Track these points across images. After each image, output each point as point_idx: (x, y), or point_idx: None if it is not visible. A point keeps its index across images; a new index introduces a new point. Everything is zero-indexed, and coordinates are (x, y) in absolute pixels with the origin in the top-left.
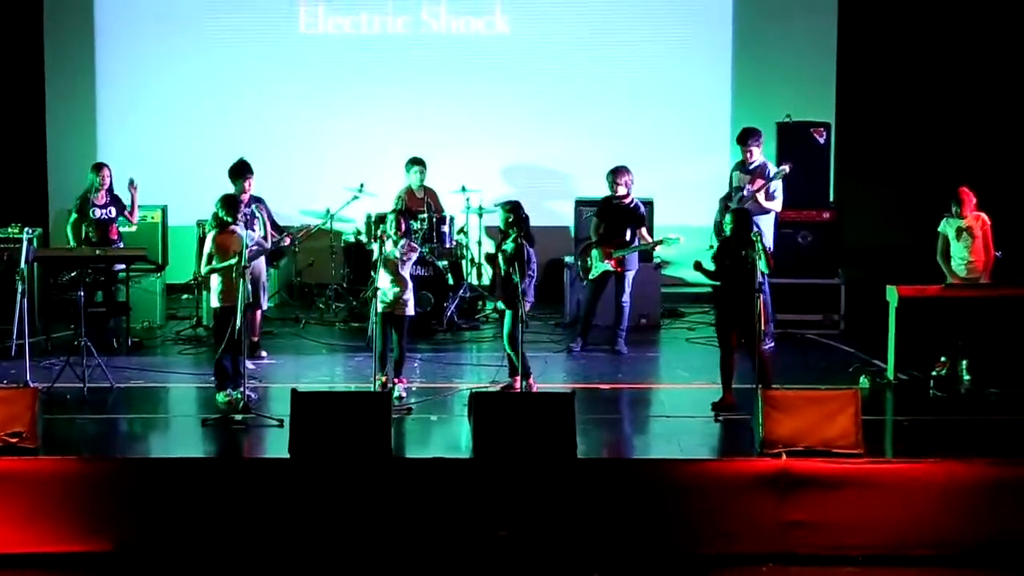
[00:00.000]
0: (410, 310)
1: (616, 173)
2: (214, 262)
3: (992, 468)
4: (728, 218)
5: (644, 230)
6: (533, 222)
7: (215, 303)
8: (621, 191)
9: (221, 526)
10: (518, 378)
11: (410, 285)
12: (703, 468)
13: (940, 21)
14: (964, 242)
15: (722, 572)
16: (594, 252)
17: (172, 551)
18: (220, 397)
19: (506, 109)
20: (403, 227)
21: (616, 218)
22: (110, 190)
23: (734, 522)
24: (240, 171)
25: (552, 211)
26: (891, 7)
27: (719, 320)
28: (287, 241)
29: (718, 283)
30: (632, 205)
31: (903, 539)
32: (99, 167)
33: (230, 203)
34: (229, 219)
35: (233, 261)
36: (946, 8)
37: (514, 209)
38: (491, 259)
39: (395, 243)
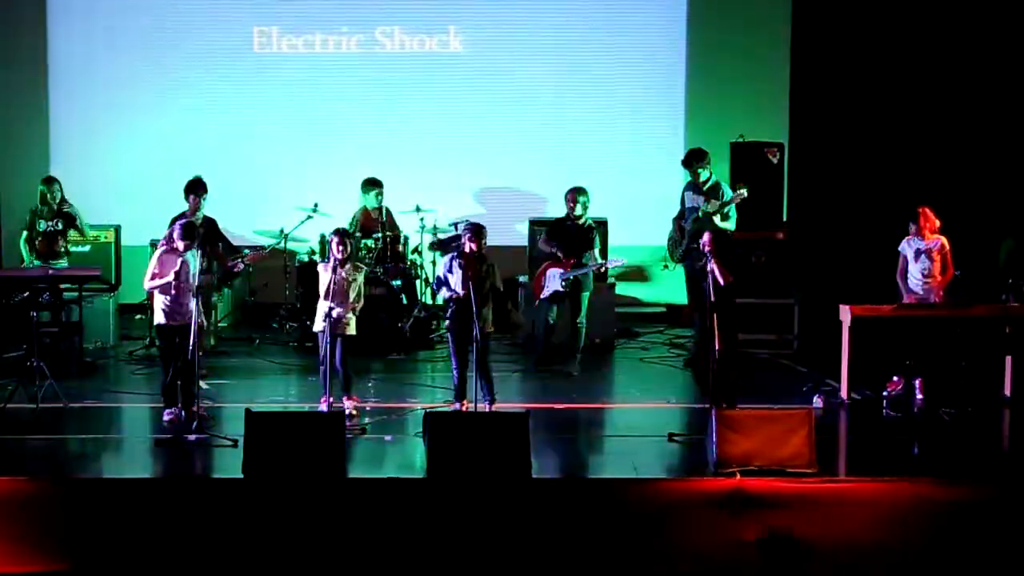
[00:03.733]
0: (351, 330)
1: (574, 193)
2: (156, 280)
3: (945, 488)
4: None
5: (597, 251)
6: (487, 241)
7: (159, 320)
8: (577, 211)
9: (174, 546)
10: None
11: (351, 306)
12: (657, 488)
13: (894, 41)
14: (922, 263)
15: None
16: (549, 271)
17: (125, 571)
18: (165, 416)
19: (460, 128)
20: (347, 249)
21: (570, 238)
22: (59, 203)
23: (688, 542)
24: (195, 187)
25: (506, 231)
26: (844, 27)
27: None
28: (239, 267)
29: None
30: (586, 225)
31: (856, 558)
32: (50, 180)
33: (189, 232)
34: (182, 245)
35: (169, 279)
36: (900, 28)
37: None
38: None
39: (340, 265)
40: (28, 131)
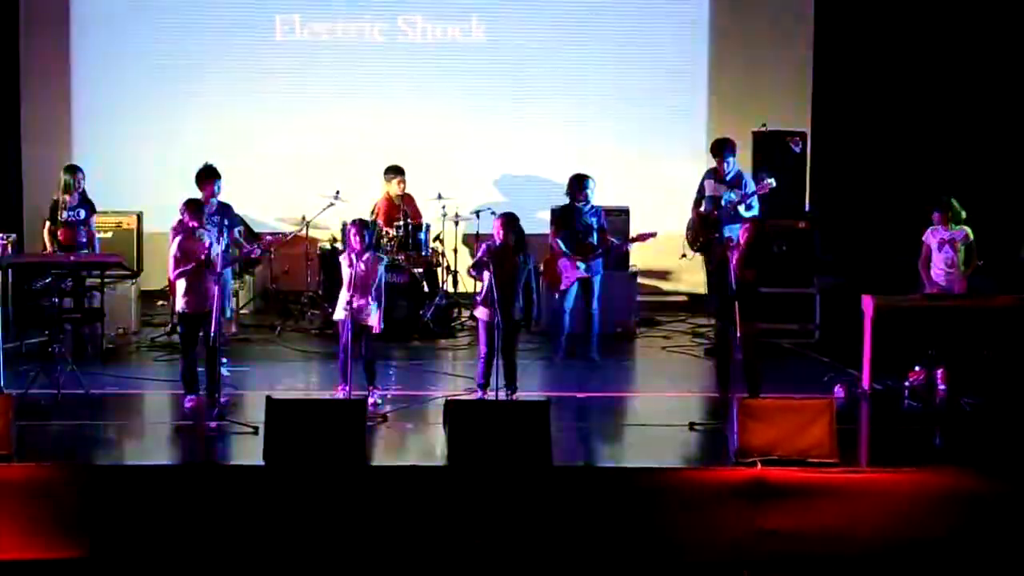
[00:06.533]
0: (372, 321)
1: (578, 180)
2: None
3: (967, 479)
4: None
5: (607, 235)
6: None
7: (181, 307)
8: (584, 198)
9: (195, 533)
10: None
11: (374, 297)
12: (678, 477)
13: (917, 28)
14: (946, 253)
15: None
16: (563, 261)
17: (146, 558)
18: (187, 403)
19: (482, 116)
20: (365, 239)
21: (579, 225)
22: (82, 192)
23: (709, 531)
24: (206, 175)
25: (528, 219)
26: (868, 15)
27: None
28: (256, 252)
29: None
30: (594, 212)
31: (877, 548)
32: (72, 169)
33: (195, 208)
34: (194, 224)
35: (199, 260)
36: (923, 16)
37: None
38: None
39: (360, 255)
40: (50, 117)
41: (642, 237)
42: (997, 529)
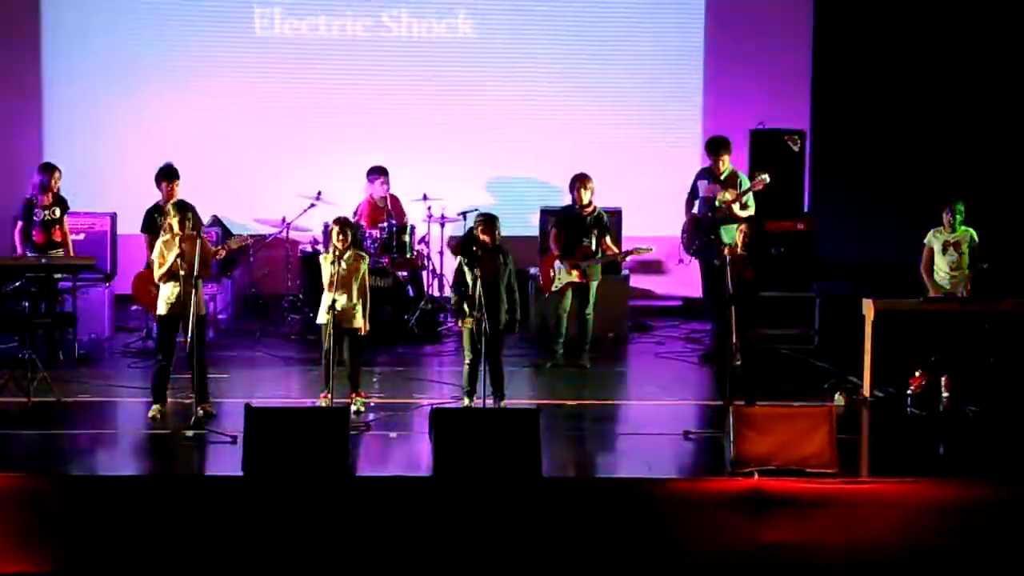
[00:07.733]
0: (358, 323)
1: (578, 181)
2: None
3: (971, 489)
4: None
5: (608, 239)
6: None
7: (161, 310)
8: (584, 199)
9: (171, 547)
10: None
11: (359, 298)
12: (672, 488)
13: (918, 26)
14: (950, 256)
15: None
16: (557, 263)
17: (120, 572)
18: (151, 411)
19: (469, 115)
20: (348, 238)
21: (579, 227)
22: (56, 191)
23: (704, 543)
24: (167, 174)
25: (517, 221)
26: (867, 12)
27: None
28: (222, 254)
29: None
30: (595, 214)
31: (879, 560)
32: (49, 168)
33: (181, 211)
34: (178, 228)
35: (171, 262)
36: (924, 11)
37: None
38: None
39: (341, 254)
40: (21, 116)
41: (637, 251)
42: (1002, 541)
